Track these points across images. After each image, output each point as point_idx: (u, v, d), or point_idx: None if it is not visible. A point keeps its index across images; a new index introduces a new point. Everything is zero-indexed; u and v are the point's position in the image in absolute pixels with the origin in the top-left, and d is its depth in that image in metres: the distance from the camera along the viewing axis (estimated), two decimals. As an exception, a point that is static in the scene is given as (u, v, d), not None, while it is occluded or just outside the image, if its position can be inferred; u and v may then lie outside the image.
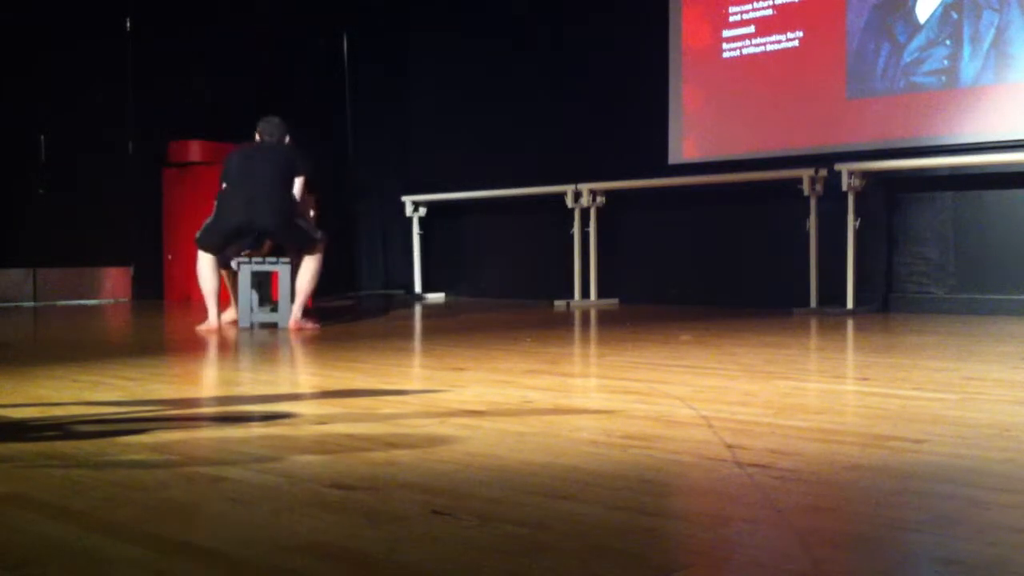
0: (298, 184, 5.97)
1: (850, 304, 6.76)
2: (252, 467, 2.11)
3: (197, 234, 5.97)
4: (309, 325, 5.91)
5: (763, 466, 2.01)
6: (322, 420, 2.67)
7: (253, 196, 5.85)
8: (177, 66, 8.88)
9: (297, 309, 5.92)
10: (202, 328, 5.85)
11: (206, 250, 5.95)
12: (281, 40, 9.37)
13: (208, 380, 3.83)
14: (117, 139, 9.13)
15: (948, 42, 6.87)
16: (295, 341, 5.17)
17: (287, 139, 6.17)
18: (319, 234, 6.00)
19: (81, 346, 5.15)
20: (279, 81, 9.02)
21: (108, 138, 9.03)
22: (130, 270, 9.24)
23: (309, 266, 5.97)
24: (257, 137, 6.15)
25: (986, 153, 6.64)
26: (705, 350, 4.43)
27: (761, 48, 7.72)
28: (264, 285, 6.18)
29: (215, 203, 5.95)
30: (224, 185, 5.95)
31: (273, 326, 5.92)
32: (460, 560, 1.46)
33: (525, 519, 1.66)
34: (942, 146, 6.88)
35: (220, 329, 5.83)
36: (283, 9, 9.59)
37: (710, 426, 2.47)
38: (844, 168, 6.79)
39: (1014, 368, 3.74)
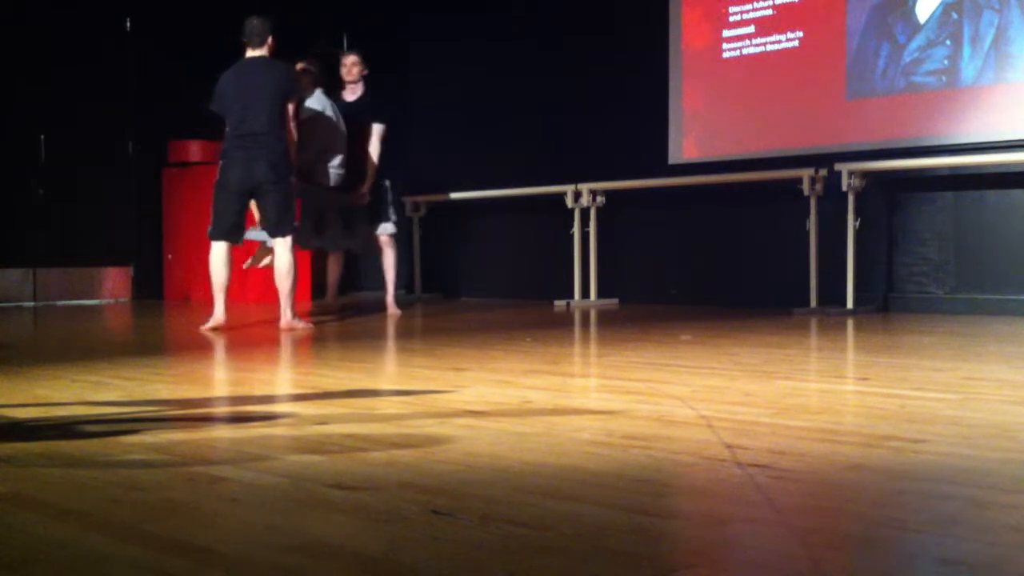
0: (291, 109, 5.79)
1: (850, 304, 6.75)
2: (252, 467, 2.11)
3: (209, 229, 5.81)
4: (300, 325, 5.76)
5: (763, 466, 2.01)
6: (322, 420, 2.67)
7: (248, 135, 5.65)
8: (177, 66, 8.88)
9: (286, 309, 5.76)
10: (208, 327, 5.66)
11: (217, 237, 5.74)
12: (281, 40, 9.36)
13: (208, 380, 3.83)
14: (117, 139, 9.13)
15: (948, 42, 6.87)
16: (286, 341, 5.17)
17: (270, 40, 5.89)
18: (296, 224, 5.82)
19: (81, 346, 5.15)
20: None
21: (108, 138, 9.03)
22: (130, 270, 9.24)
23: (283, 260, 5.74)
24: (246, 51, 5.90)
25: (986, 153, 6.63)
26: (705, 350, 4.43)
27: (761, 48, 7.72)
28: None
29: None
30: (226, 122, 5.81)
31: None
32: (460, 560, 1.46)
33: (525, 519, 1.66)
34: (942, 146, 6.87)
35: (226, 327, 5.69)
36: (283, 9, 9.58)
37: (710, 426, 2.47)
38: (844, 168, 6.79)
39: (1014, 368, 3.74)
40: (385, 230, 7.11)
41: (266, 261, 6.32)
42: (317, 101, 6.79)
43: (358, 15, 10.04)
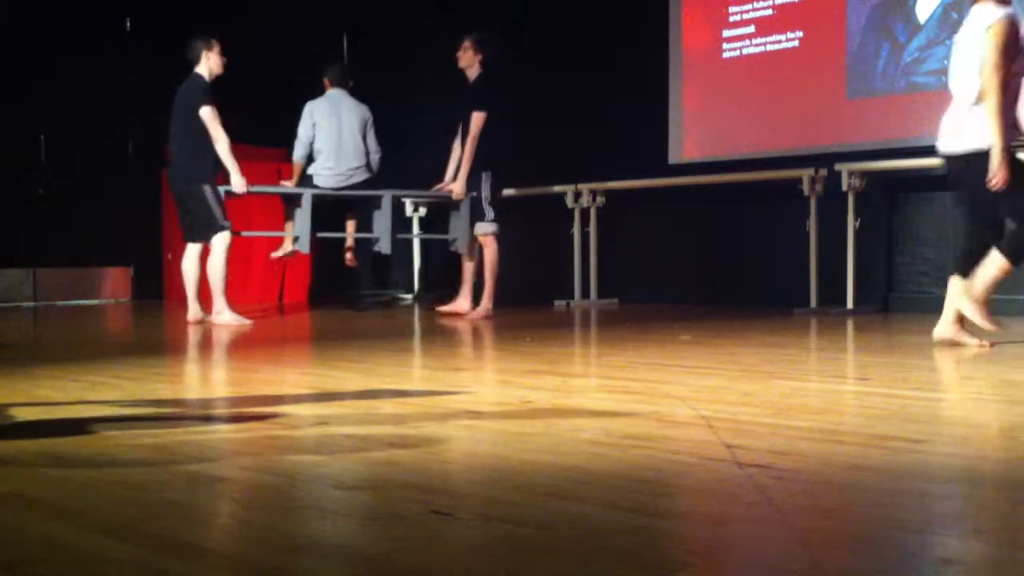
0: (202, 117, 5.97)
1: (850, 304, 6.75)
2: (252, 467, 2.11)
3: None
4: (225, 321, 5.95)
5: (763, 466, 2.01)
6: (322, 420, 2.67)
7: (172, 150, 6.12)
8: (177, 66, 8.87)
9: (215, 301, 6.01)
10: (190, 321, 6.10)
11: (186, 239, 6.23)
12: (281, 40, 9.37)
13: (208, 380, 3.83)
14: (117, 139, 9.13)
15: (948, 42, 6.86)
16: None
17: (204, 56, 6.14)
18: (225, 222, 5.99)
19: (81, 346, 5.15)
20: (279, 81, 9.01)
21: (108, 138, 9.03)
22: (130, 270, 9.24)
23: (214, 256, 6.01)
24: None
25: (986, 153, 6.62)
26: (705, 350, 4.43)
27: (761, 48, 7.72)
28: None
29: None
30: None
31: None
32: (460, 560, 1.46)
33: (525, 519, 1.65)
34: (942, 146, 6.86)
35: (200, 322, 6.03)
36: (283, 9, 9.59)
37: (710, 426, 2.47)
38: (844, 168, 6.79)
39: (1014, 368, 3.74)
40: (479, 230, 6.74)
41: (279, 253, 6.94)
42: (312, 104, 7.08)
43: (358, 15, 10.04)
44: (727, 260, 7.84)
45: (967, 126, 4.35)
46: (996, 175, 4.22)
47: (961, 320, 4.48)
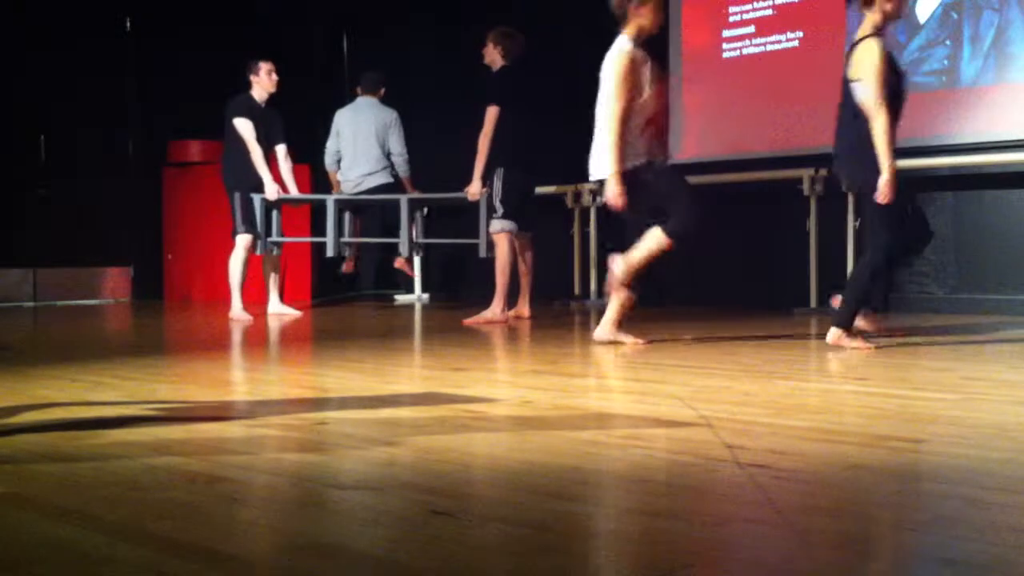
0: (236, 128, 6.48)
1: (850, 304, 6.74)
2: (252, 467, 2.11)
3: None
4: (239, 316, 6.36)
5: (763, 466, 2.01)
6: (322, 420, 2.67)
7: None
8: (177, 66, 8.88)
9: (231, 295, 6.50)
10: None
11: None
12: (281, 40, 9.36)
13: (208, 380, 3.82)
14: (117, 139, 9.13)
15: (948, 42, 6.87)
16: (285, 341, 5.16)
17: (250, 80, 6.65)
18: (242, 227, 6.51)
19: (81, 346, 5.15)
20: (279, 81, 9.01)
21: (108, 138, 9.02)
22: (130, 270, 9.24)
23: (232, 255, 6.55)
24: None
25: (986, 153, 6.62)
26: (705, 350, 4.43)
27: (761, 48, 7.71)
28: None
29: None
30: None
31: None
32: (460, 560, 1.46)
33: (525, 519, 1.66)
34: (942, 146, 6.86)
35: (280, 316, 6.60)
36: (283, 9, 9.59)
37: (710, 426, 2.47)
38: (844, 168, 6.78)
39: (1014, 368, 3.74)
40: (491, 228, 6.47)
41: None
42: (338, 113, 7.54)
43: (358, 15, 10.04)
44: (727, 260, 7.83)
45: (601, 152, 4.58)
46: (611, 198, 4.52)
47: (619, 322, 4.58)
